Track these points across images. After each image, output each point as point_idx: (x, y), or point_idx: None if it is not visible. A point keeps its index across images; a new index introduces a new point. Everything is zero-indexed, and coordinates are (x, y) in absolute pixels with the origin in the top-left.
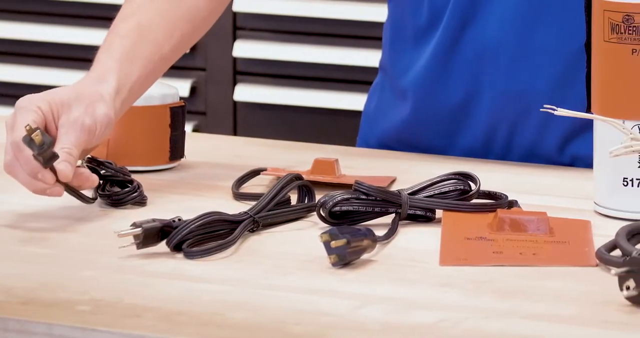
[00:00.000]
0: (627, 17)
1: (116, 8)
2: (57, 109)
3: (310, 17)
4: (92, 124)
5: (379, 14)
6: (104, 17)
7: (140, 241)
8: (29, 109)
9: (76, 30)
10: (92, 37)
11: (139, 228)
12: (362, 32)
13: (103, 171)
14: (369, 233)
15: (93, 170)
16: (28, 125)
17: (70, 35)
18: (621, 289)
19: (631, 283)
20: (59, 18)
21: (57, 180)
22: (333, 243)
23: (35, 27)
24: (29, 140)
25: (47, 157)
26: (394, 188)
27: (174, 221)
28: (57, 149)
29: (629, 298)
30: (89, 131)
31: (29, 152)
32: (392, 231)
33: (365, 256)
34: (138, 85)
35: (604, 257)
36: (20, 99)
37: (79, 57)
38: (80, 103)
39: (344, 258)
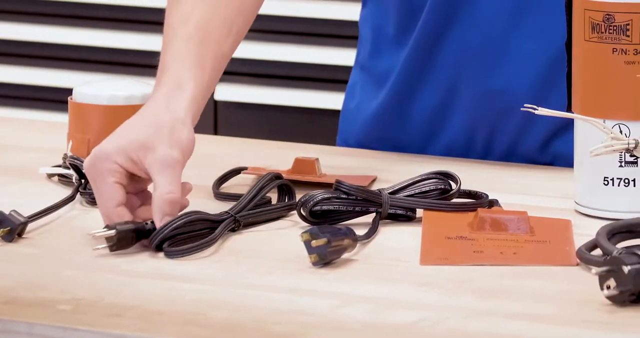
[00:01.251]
0: (607, 16)
1: (106, 8)
2: (138, 154)
3: (291, 16)
4: (180, 155)
5: (357, 13)
6: (96, 17)
7: (114, 243)
8: (107, 170)
9: (68, 30)
10: (85, 37)
11: (113, 230)
12: (343, 31)
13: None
14: (349, 233)
15: (75, 169)
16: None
17: (62, 36)
18: (602, 288)
19: (612, 282)
20: (49, 18)
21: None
22: (314, 243)
23: (27, 28)
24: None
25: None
26: (375, 187)
27: (146, 223)
28: (157, 193)
29: (609, 298)
30: (180, 164)
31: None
32: (372, 230)
33: (345, 255)
34: (208, 89)
35: (584, 257)
36: (93, 155)
37: (71, 58)
38: (161, 137)
39: (325, 258)
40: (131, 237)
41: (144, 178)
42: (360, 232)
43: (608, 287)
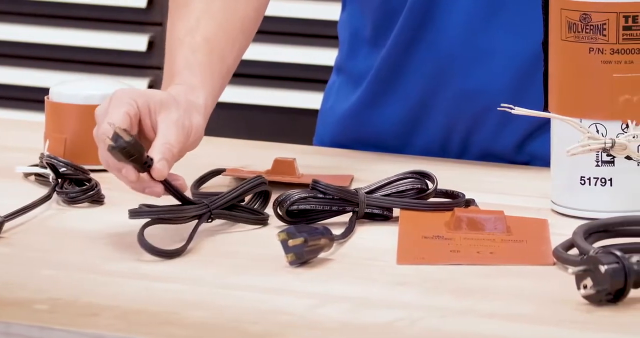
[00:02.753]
0: (584, 15)
1: (84, 7)
2: (155, 106)
3: (271, 16)
4: (190, 127)
5: (337, 12)
6: (73, 17)
7: (125, 146)
8: (124, 101)
9: (44, 30)
10: (62, 37)
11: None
12: (320, 30)
13: (62, 169)
14: (326, 232)
15: (52, 168)
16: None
17: (39, 35)
18: (578, 288)
19: (588, 282)
20: (26, 18)
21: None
22: (290, 242)
23: (3, 27)
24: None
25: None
26: (352, 187)
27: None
28: (157, 143)
29: (586, 297)
30: (187, 133)
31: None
32: (349, 230)
33: (322, 255)
34: (213, 101)
35: (561, 256)
36: (116, 90)
37: (48, 57)
38: (179, 107)
39: (301, 257)
40: (139, 152)
41: (145, 134)
42: (337, 231)
43: (585, 287)
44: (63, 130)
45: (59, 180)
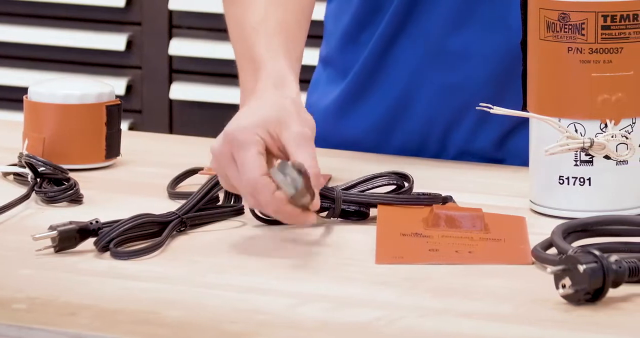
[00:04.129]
0: (562, 15)
1: (62, 7)
2: (275, 129)
3: None
4: (311, 133)
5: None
6: (52, 16)
7: (57, 244)
8: (251, 140)
9: (23, 29)
10: (41, 36)
11: (55, 231)
12: None
13: (41, 169)
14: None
15: (30, 168)
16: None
17: (17, 35)
18: (557, 287)
19: (567, 281)
20: (4, 17)
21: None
22: (290, 162)
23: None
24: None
25: (307, 185)
26: (330, 186)
27: (91, 223)
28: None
29: (564, 297)
30: (313, 141)
31: (269, 191)
32: (329, 215)
33: (301, 255)
34: (298, 83)
35: (539, 255)
36: (229, 131)
37: (27, 57)
38: (291, 116)
39: (296, 187)
40: (75, 237)
41: (274, 155)
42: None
43: (563, 286)
44: (42, 129)
45: (38, 179)
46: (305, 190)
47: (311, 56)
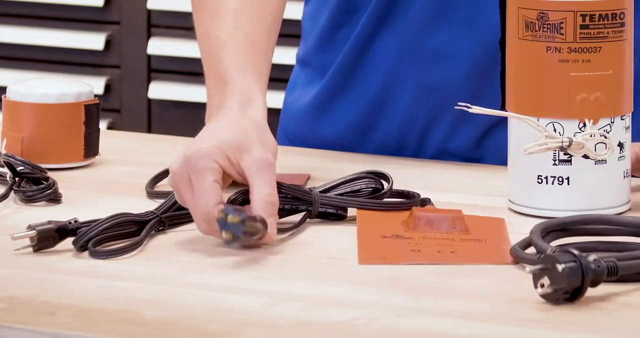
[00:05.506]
0: (541, 14)
1: (41, 6)
2: (235, 155)
3: None
4: (272, 158)
5: (292, 11)
6: (30, 15)
7: (36, 243)
8: (208, 168)
9: (1, 28)
10: (19, 36)
11: (33, 231)
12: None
13: (19, 168)
14: (262, 220)
15: (9, 167)
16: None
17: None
18: (535, 287)
19: (545, 281)
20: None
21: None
22: (230, 218)
23: None
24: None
25: (251, 232)
26: (308, 185)
27: (69, 223)
28: (257, 197)
29: (543, 296)
30: (274, 166)
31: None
32: (295, 226)
33: (278, 254)
34: (265, 98)
35: (518, 255)
36: (188, 155)
37: (6, 56)
38: (252, 140)
39: (238, 237)
40: (53, 237)
41: (229, 180)
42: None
43: (542, 286)
44: (20, 129)
45: (16, 178)
46: (250, 234)
47: (288, 56)
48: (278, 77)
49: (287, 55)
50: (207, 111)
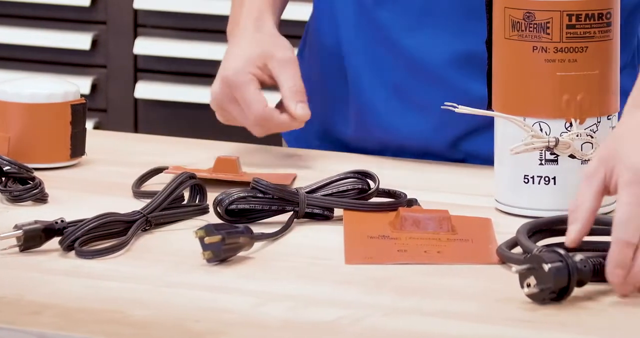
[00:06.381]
0: (528, 14)
1: (28, 6)
2: (262, 62)
3: (211, 14)
4: (294, 55)
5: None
6: (17, 15)
7: (22, 243)
8: (247, 80)
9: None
10: (7, 35)
11: (20, 231)
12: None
13: (6, 168)
14: (246, 231)
15: None
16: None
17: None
18: (522, 286)
19: (532, 280)
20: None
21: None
22: (207, 239)
23: None
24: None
25: (233, 248)
26: (295, 185)
27: (56, 222)
28: (285, 88)
29: (529, 296)
30: (297, 62)
31: (276, 118)
32: (283, 229)
33: (265, 254)
34: (278, 20)
35: (504, 255)
36: (226, 76)
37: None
38: (272, 46)
39: (219, 255)
40: (40, 236)
41: (267, 84)
42: (278, 229)
43: (528, 285)
44: (7, 128)
45: (3, 178)
46: (232, 250)
47: None
48: None
49: None
50: (229, 25)
